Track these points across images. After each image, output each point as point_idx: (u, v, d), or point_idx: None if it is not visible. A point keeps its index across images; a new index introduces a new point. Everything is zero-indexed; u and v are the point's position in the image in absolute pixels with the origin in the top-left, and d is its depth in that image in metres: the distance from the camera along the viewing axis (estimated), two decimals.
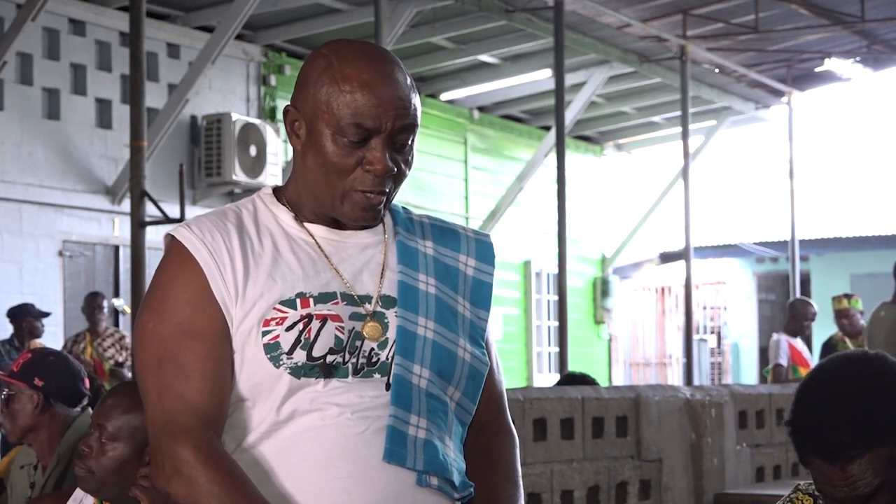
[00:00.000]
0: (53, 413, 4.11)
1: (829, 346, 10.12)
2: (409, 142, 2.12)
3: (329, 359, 2.06)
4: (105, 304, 10.46)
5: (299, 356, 2.05)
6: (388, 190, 2.12)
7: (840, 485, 2.40)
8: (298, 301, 2.08)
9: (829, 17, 14.75)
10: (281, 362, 2.05)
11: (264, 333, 2.06)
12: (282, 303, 2.07)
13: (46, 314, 10.07)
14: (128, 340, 10.77)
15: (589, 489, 5.22)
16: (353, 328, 2.08)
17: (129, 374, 10.20)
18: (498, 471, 2.20)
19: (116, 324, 11.71)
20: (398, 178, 2.12)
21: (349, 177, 2.09)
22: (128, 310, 11.12)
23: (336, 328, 2.07)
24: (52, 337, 10.33)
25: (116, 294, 11.80)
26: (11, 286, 10.90)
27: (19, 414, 4.10)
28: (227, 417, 2.08)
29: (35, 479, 4.19)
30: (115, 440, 3.07)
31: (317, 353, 2.06)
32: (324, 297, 2.09)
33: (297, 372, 2.04)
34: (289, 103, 2.16)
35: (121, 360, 10.39)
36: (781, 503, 2.69)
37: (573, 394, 5.25)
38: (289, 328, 2.06)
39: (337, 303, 2.09)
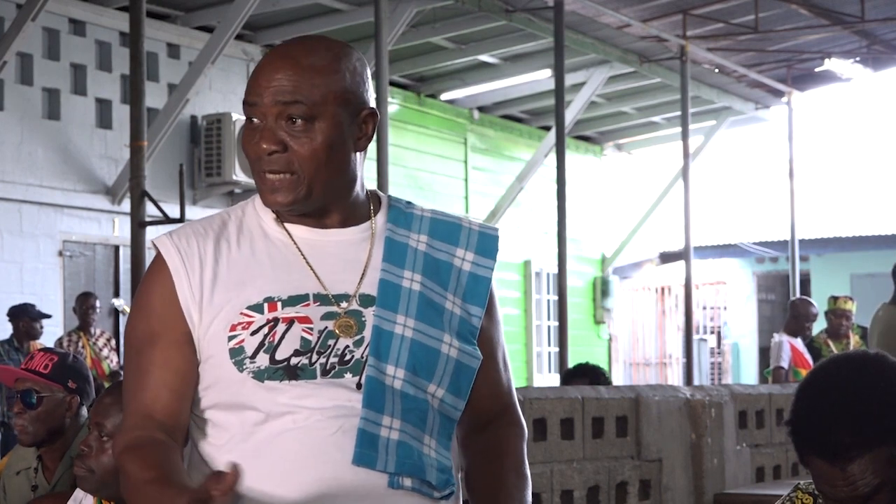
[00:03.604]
0: (79, 416, 4.08)
1: (813, 348, 10.09)
2: (303, 121, 2.08)
3: (294, 361, 2.05)
4: (97, 304, 10.47)
5: (262, 360, 2.05)
6: (292, 171, 2.09)
7: (840, 485, 2.39)
8: (266, 305, 2.08)
9: (829, 17, 14.75)
10: (244, 367, 2.05)
11: (230, 338, 2.06)
12: (249, 308, 2.08)
13: (46, 316, 10.05)
14: (115, 342, 10.81)
15: (589, 489, 5.22)
16: (326, 328, 2.08)
17: None
18: (504, 461, 2.19)
19: (117, 324, 11.72)
20: (302, 159, 2.09)
21: (258, 161, 2.12)
22: (128, 310, 11.13)
23: (303, 329, 2.07)
24: (52, 338, 10.32)
25: (116, 294, 11.81)
26: (11, 286, 10.90)
27: (49, 417, 4.01)
28: (205, 423, 2.10)
29: (37, 482, 4.13)
30: (114, 438, 3.06)
31: (280, 356, 2.05)
32: (293, 300, 2.09)
33: (259, 375, 2.04)
34: None
35: (114, 361, 10.41)
36: (781, 502, 2.69)
37: (573, 394, 5.25)
38: (254, 332, 2.06)
39: (308, 304, 2.09)
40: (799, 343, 10.14)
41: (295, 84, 2.08)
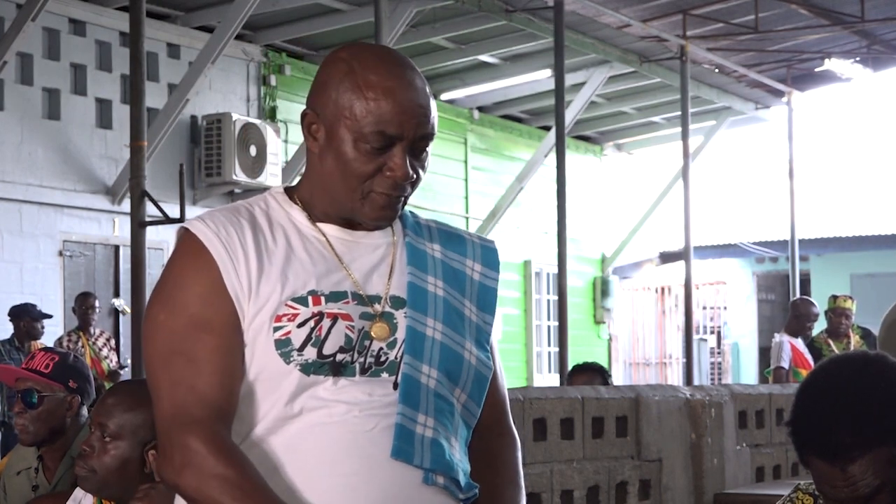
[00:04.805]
0: (80, 416, 4.08)
1: (814, 348, 10.08)
2: (427, 148, 2.15)
3: (339, 357, 2.07)
4: (97, 304, 10.46)
5: (310, 353, 2.06)
6: (406, 193, 2.14)
7: (840, 485, 2.39)
8: (310, 298, 2.08)
9: (829, 17, 14.75)
10: (291, 359, 2.05)
11: (275, 329, 2.06)
12: (294, 300, 2.08)
13: (48, 316, 10.05)
14: (114, 341, 10.80)
15: (589, 489, 5.22)
16: (363, 328, 2.10)
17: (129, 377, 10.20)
18: (500, 473, 2.21)
19: (117, 324, 11.72)
20: (415, 183, 2.15)
21: (368, 180, 2.11)
22: (128, 310, 11.12)
23: (346, 327, 2.08)
24: (53, 338, 10.32)
25: (116, 294, 11.80)
26: (11, 286, 10.90)
27: (50, 416, 4.00)
28: (237, 412, 2.08)
29: (38, 482, 4.13)
30: (117, 439, 3.06)
31: (327, 350, 2.06)
32: (335, 296, 2.10)
33: (307, 369, 2.05)
34: (306, 107, 2.16)
35: (114, 361, 10.40)
36: (782, 503, 2.69)
37: (573, 394, 5.25)
38: (300, 325, 2.06)
39: (347, 302, 2.10)
40: (799, 343, 10.14)
41: (432, 115, 2.13)
